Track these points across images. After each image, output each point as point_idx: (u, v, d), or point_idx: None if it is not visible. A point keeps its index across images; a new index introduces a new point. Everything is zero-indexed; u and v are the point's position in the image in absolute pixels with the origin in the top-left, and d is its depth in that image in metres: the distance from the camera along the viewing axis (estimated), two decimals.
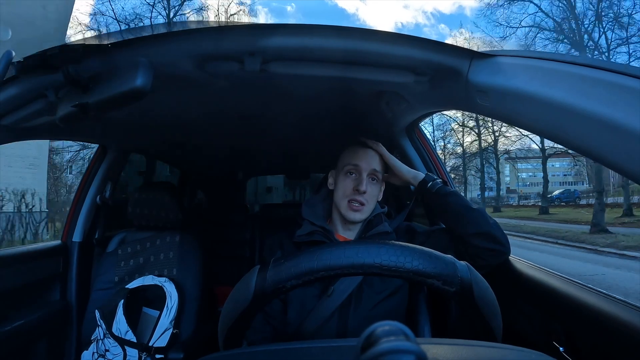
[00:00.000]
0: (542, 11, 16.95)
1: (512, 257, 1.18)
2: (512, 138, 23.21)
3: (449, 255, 0.65)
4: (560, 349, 0.87)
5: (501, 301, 0.68)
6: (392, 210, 1.30)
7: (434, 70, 0.92)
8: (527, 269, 1.12)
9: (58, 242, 1.83)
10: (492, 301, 0.66)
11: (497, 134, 23.70)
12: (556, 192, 27.68)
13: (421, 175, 1.22)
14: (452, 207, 1.12)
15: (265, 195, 6.44)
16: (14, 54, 0.78)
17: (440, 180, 1.20)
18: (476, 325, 0.67)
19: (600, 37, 15.76)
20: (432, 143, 1.77)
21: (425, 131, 1.76)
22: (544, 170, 21.76)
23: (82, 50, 0.79)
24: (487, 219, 1.10)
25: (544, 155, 21.40)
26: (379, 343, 0.33)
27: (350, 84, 1.08)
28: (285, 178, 5.29)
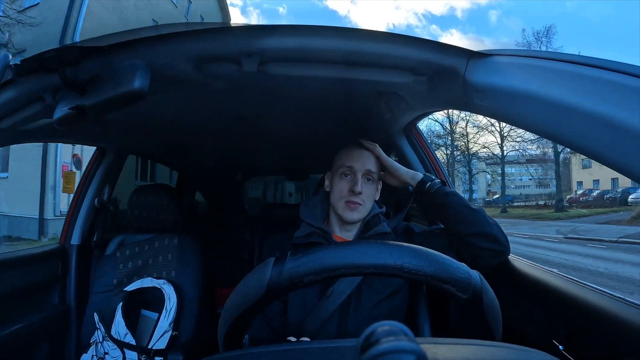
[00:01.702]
0: None
1: (511, 256, 1.18)
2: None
3: (463, 264, 0.65)
4: (560, 347, 0.87)
5: (501, 300, 0.68)
6: (390, 210, 1.30)
7: (432, 70, 0.92)
8: (527, 267, 1.12)
9: (56, 245, 1.83)
10: (497, 309, 0.67)
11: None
12: (495, 196, 33.20)
13: (419, 175, 1.22)
14: (451, 207, 1.12)
15: (288, 198, 7.38)
16: (11, 56, 0.78)
17: (438, 180, 1.19)
18: (477, 328, 0.67)
19: None
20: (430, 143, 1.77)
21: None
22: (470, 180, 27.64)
23: (79, 52, 0.79)
24: (487, 219, 1.10)
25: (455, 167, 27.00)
26: (379, 343, 0.33)
27: (349, 85, 1.08)
28: (297, 184, 5.56)
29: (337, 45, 0.83)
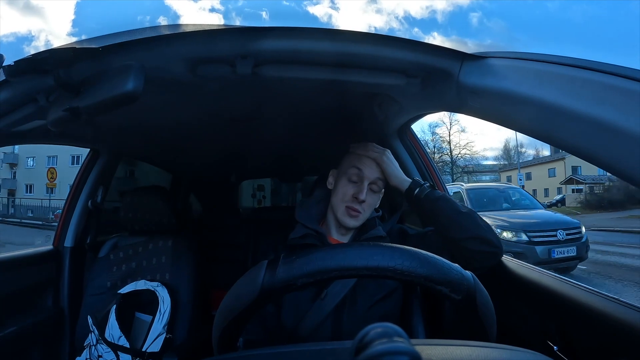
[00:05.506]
0: None
1: (505, 257, 1.19)
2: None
3: (456, 264, 0.66)
4: (555, 347, 0.87)
5: (494, 301, 0.68)
6: (384, 212, 1.30)
7: (425, 72, 0.93)
8: (520, 268, 1.13)
9: (50, 247, 1.81)
10: (491, 310, 0.67)
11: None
12: None
13: (408, 181, 1.20)
14: (442, 212, 1.11)
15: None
16: (4, 57, 0.77)
17: (428, 184, 1.19)
18: (471, 329, 0.67)
19: None
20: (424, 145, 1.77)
21: None
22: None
23: (72, 53, 0.78)
24: (479, 222, 1.09)
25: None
26: (373, 345, 0.33)
27: (342, 87, 1.08)
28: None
29: (331, 47, 0.83)
